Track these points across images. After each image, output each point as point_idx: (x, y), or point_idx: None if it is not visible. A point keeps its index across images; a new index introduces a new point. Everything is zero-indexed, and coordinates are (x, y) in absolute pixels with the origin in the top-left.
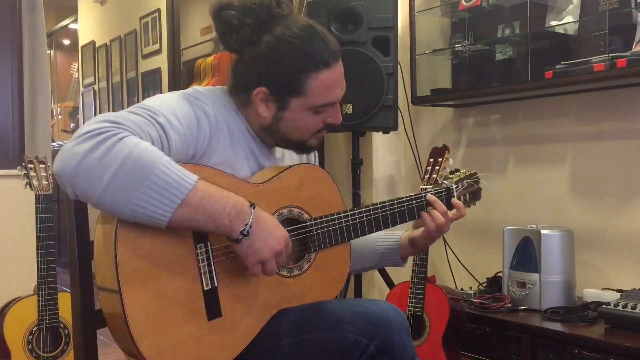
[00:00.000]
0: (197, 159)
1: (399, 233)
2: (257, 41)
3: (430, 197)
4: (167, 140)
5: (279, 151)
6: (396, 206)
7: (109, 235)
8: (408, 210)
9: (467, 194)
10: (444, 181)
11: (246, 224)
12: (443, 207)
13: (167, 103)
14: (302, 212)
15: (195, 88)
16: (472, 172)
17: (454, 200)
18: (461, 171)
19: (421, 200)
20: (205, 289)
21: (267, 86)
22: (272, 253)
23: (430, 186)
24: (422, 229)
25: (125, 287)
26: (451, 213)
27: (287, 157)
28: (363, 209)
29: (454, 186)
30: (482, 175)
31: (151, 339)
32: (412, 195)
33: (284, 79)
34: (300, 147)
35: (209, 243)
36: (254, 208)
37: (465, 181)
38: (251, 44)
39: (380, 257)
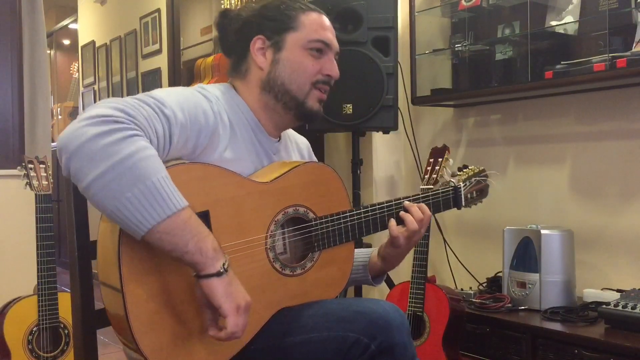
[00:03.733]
0: (198, 153)
1: (373, 249)
2: (246, 12)
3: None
4: (170, 135)
5: (282, 146)
6: (402, 205)
7: (114, 233)
8: None
9: (474, 192)
10: (452, 179)
11: (224, 262)
12: (419, 213)
13: (174, 96)
14: (308, 211)
15: (199, 85)
16: (480, 169)
17: (402, 214)
18: (469, 168)
19: (428, 199)
20: None
21: (262, 31)
22: (246, 303)
23: (436, 184)
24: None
25: (127, 286)
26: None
27: (292, 150)
28: (369, 208)
29: (462, 185)
30: (491, 173)
31: (152, 337)
32: (418, 195)
33: (278, 18)
34: (302, 109)
35: None
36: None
37: (473, 179)
38: (240, 18)
39: (353, 271)
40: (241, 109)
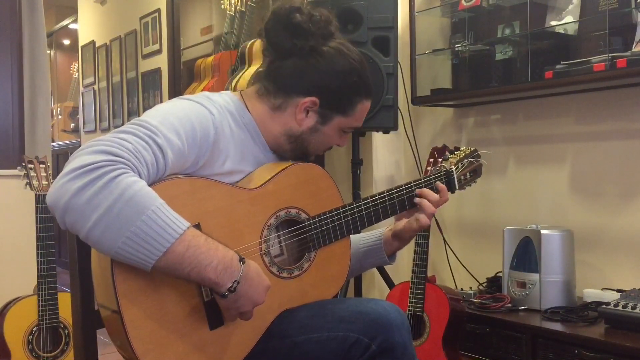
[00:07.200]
0: (199, 167)
1: (381, 230)
2: (320, 51)
3: (421, 191)
4: (164, 161)
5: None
6: (395, 196)
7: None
8: (408, 198)
9: (468, 173)
10: (443, 164)
11: (234, 281)
12: (434, 196)
13: (170, 118)
14: (300, 212)
15: (205, 94)
16: (472, 149)
17: (438, 184)
18: (461, 149)
19: (420, 186)
20: (206, 300)
21: (320, 98)
22: (254, 306)
23: (429, 168)
24: (405, 220)
25: (124, 307)
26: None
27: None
28: (362, 202)
29: (454, 168)
30: (483, 153)
31: (155, 355)
32: (410, 182)
33: (341, 97)
34: (305, 159)
35: None
36: (243, 263)
37: (465, 160)
38: (313, 52)
39: (364, 256)
40: (245, 121)
